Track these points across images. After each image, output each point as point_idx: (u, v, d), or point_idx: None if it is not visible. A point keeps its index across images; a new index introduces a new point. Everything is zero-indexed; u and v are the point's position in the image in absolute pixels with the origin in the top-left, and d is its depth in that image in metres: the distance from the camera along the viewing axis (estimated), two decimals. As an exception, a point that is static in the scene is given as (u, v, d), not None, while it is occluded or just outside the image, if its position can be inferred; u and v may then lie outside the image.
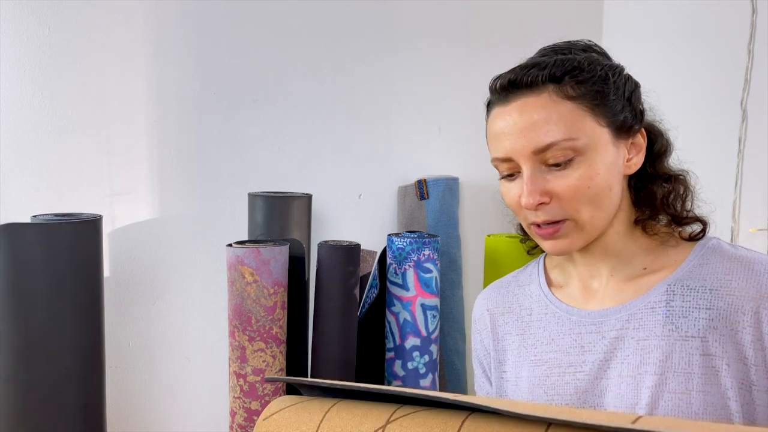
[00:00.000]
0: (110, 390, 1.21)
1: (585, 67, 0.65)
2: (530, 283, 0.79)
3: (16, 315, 1.01)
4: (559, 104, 0.63)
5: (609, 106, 0.65)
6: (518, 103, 0.65)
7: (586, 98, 0.64)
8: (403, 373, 1.32)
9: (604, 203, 0.65)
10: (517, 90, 0.65)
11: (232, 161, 1.43)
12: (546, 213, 0.64)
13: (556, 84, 0.64)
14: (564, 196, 0.63)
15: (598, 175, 0.63)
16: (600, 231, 0.66)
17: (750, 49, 1.39)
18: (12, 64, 1.22)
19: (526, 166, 0.64)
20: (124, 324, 1.35)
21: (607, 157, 0.64)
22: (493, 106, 0.69)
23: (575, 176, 0.63)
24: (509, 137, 0.65)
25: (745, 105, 1.40)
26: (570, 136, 0.62)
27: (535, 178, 0.63)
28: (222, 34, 1.40)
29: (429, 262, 1.32)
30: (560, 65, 0.64)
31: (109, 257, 1.32)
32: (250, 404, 1.14)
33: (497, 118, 0.67)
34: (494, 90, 0.68)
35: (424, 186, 1.58)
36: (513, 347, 0.76)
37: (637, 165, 0.68)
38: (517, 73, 0.65)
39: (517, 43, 1.67)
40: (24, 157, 1.24)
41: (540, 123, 0.63)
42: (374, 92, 1.57)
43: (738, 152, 1.41)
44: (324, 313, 1.23)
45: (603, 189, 0.64)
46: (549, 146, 0.62)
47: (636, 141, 0.68)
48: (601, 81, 0.65)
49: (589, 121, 0.63)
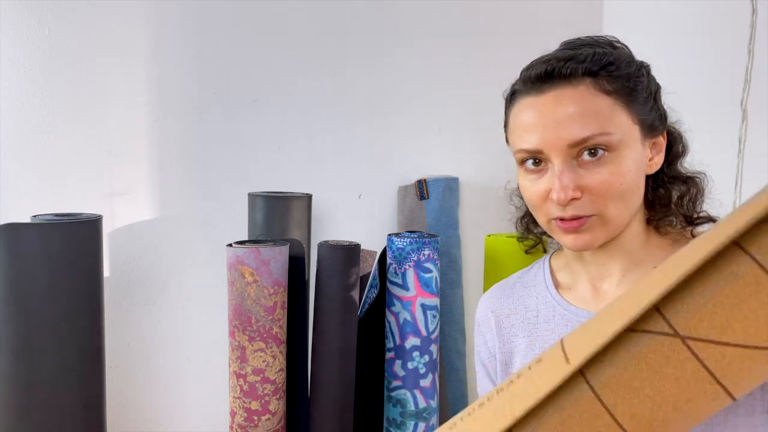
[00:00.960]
0: (110, 390, 1.21)
1: (620, 62, 0.64)
2: (536, 284, 0.78)
3: (16, 315, 1.01)
4: (597, 98, 0.62)
5: (640, 104, 0.64)
6: (554, 94, 0.63)
7: (621, 94, 0.63)
8: (403, 373, 1.32)
9: (631, 201, 0.64)
10: (553, 81, 0.63)
11: (232, 161, 1.43)
12: (575, 208, 0.62)
13: (593, 78, 0.62)
14: (596, 192, 0.62)
15: (630, 172, 0.62)
16: (622, 228, 0.65)
17: (750, 49, 1.39)
18: (12, 64, 1.22)
19: (559, 159, 0.62)
20: (124, 324, 1.35)
21: (636, 155, 0.64)
22: (522, 96, 0.66)
23: (608, 172, 0.61)
24: (543, 129, 0.63)
25: (745, 105, 1.40)
26: (606, 131, 0.61)
27: (569, 172, 0.62)
28: (222, 34, 1.40)
29: (429, 262, 1.32)
30: (598, 59, 0.63)
31: (109, 257, 1.32)
32: (250, 404, 1.14)
33: (528, 108, 0.65)
34: (527, 79, 0.66)
35: (424, 186, 1.58)
36: (520, 348, 0.76)
37: (657, 165, 0.68)
38: (554, 65, 0.63)
39: (517, 43, 1.67)
40: (24, 157, 1.24)
41: (577, 116, 0.61)
42: (374, 92, 1.57)
43: (738, 152, 1.41)
44: (324, 313, 1.23)
45: (632, 186, 0.63)
46: (585, 140, 0.61)
47: (657, 141, 0.67)
48: (634, 78, 0.64)
49: (623, 116, 0.63)
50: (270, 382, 1.15)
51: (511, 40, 1.68)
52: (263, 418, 1.15)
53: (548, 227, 0.67)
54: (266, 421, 1.15)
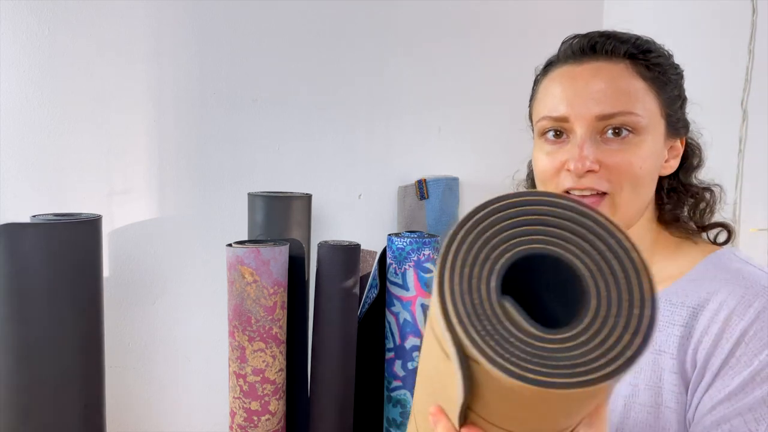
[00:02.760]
0: (110, 390, 1.21)
1: (660, 53, 0.65)
2: None
3: (16, 315, 1.01)
4: (633, 79, 0.62)
5: (670, 99, 0.65)
6: (592, 66, 0.63)
7: (655, 83, 0.63)
8: (403, 373, 1.32)
9: (643, 190, 0.63)
10: (593, 54, 0.64)
11: (232, 161, 1.42)
12: (590, 180, 0.62)
13: (632, 60, 0.63)
14: (615, 169, 0.61)
15: (649, 160, 0.62)
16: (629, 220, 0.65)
17: (750, 49, 1.39)
18: (12, 64, 1.22)
19: (583, 129, 0.62)
20: (124, 324, 1.35)
21: (658, 147, 0.64)
22: (559, 64, 0.67)
23: (628, 153, 0.61)
24: (574, 98, 0.63)
25: (745, 105, 1.40)
26: (636, 111, 0.61)
27: (590, 143, 0.61)
28: (222, 34, 1.40)
29: (429, 262, 1.32)
30: (640, 44, 0.64)
31: (108, 257, 1.32)
32: (250, 404, 1.14)
33: (563, 76, 0.65)
34: (568, 49, 0.66)
35: (424, 186, 1.58)
36: None
37: (672, 169, 0.68)
38: (597, 39, 0.64)
39: (518, 43, 1.67)
40: (24, 157, 1.24)
41: (611, 91, 0.61)
42: (374, 92, 1.57)
43: (738, 152, 1.41)
44: (324, 313, 1.23)
45: (647, 176, 0.63)
46: (614, 115, 0.61)
47: (675, 145, 0.68)
48: (670, 73, 0.65)
49: (653, 105, 0.63)
50: (270, 382, 1.15)
51: (512, 41, 1.68)
52: (263, 418, 1.15)
53: None
54: (266, 421, 1.15)
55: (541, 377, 0.31)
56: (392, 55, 1.58)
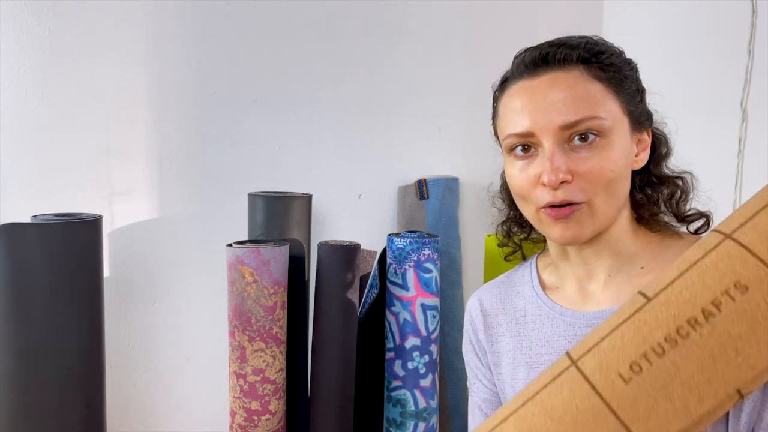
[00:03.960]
0: (110, 390, 1.21)
1: (611, 53, 0.65)
2: (523, 284, 0.78)
3: (16, 315, 1.01)
4: (589, 83, 0.62)
5: (629, 95, 0.65)
6: (548, 77, 0.63)
7: (612, 83, 0.63)
8: (403, 373, 1.32)
9: (618, 191, 0.64)
10: (546, 65, 0.64)
11: (232, 161, 1.43)
12: (565, 192, 0.62)
13: (585, 64, 0.63)
14: (586, 177, 0.61)
15: (620, 161, 0.62)
16: (609, 221, 0.65)
17: (750, 49, 1.39)
18: (12, 64, 1.22)
19: (550, 142, 0.62)
20: (124, 324, 1.35)
21: (625, 145, 0.64)
22: (515, 80, 0.67)
23: (598, 157, 0.61)
24: (535, 111, 0.63)
25: (745, 105, 1.40)
26: (598, 115, 0.61)
27: (560, 154, 0.61)
28: (222, 34, 1.40)
29: (429, 262, 1.32)
30: (590, 47, 0.64)
31: (109, 257, 1.32)
32: (250, 404, 1.14)
33: (521, 91, 0.65)
34: (521, 63, 0.67)
35: (424, 186, 1.58)
36: (508, 349, 0.76)
37: (642, 162, 0.68)
38: (548, 50, 0.64)
39: (517, 43, 1.66)
40: (24, 157, 1.24)
41: (570, 99, 0.61)
42: (374, 92, 1.57)
43: (738, 152, 1.41)
44: (324, 313, 1.23)
45: (620, 176, 0.63)
46: (577, 123, 0.61)
47: (643, 138, 0.68)
48: (624, 70, 0.65)
49: (614, 104, 0.63)
50: (270, 382, 1.15)
51: (511, 41, 1.67)
52: (263, 418, 1.15)
53: (536, 218, 0.66)
54: (266, 421, 1.15)
55: None
56: (392, 55, 1.58)
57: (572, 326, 0.69)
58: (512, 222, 0.82)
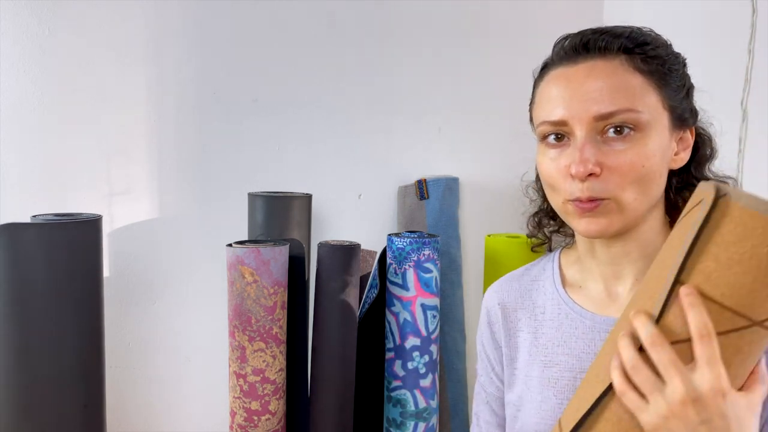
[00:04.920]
0: (110, 390, 1.21)
1: (657, 44, 0.63)
2: (544, 279, 0.76)
3: (16, 315, 1.01)
4: (629, 74, 0.61)
5: (673, 91, 0.63)
6: (587, 65, 0.62)
7: (654, 76, 0.62)
8: (403, 373, 1.32)
9: (650, 188, 0.62)
10: (587, 53, 0.62)
11: (232, 161, 1.43)
12: (591, 189, 0.60)
13: (628, 54, 0.62)
14: (617, 171, 0.59)
15: (654, 156, 0.60)
16: (638, 218, 0.63)
17: (750, 49, 1.39)
18: (12, 64, 1.22)
19: (583, 132, 0.60)
20: (124, 324, 1.35)
21: (663, 141, 0.62)
22: (554, 66, 0.65)
23: (632, 152, 0.59)
24: (570, 100, 0.61)
25: (745, 105, 1.39)
26: (635, 108, 0.59)
27: (591, 145, 0.60)
28: (222, 34, 1.40)
29: (429, 262, 1.32)
30: (635, 37, 0.62)
31: (109, 257, 1.32)
32: (250, 404, 1.14)
33: (558, 78, 0.64)
34: (561, 49, 0.65)
35: (424, 186, 1.58)
36: (525, 345, 0.74)
37: (683, 161, 0.66)
38: (589, 36, 0.63)
39: (517, 43, 1.67)
40: (24, 157, 1.24)
41: (607, 89, 0.60)
42: (374, 92, 1.57)
43: (738, 152, 1.41)
44: (324, 313, 1.23)
45: (654, 173, 0.61)
46: (612, 114, 0.59)
47: (685, 136, 0.66)
48: (669, 63, 0.63)
49: (654, 98, 0.61)
50: (270, 382, 1.15)
51: (511, 40, 1.68)
52: (263, 418, 1.15)
53: (563, 209, 0.65)
54: (266, 421, 1.15)
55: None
56: (392, 55, 1.58)
57: (591, 330, 0.68)
58: (543, 214, 0.80)
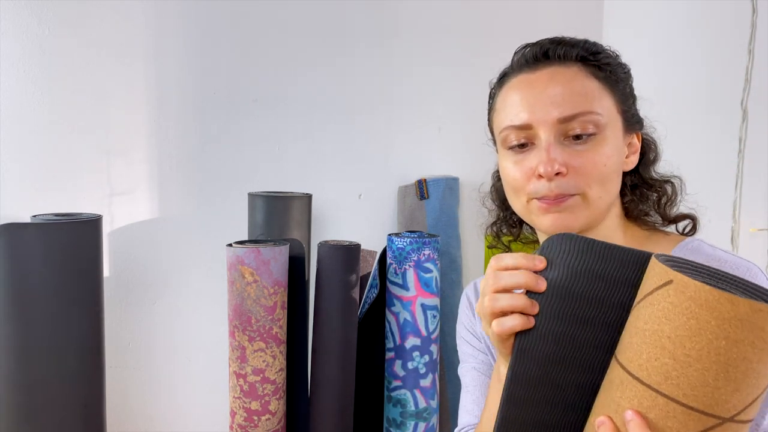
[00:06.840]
0: (110, 390, 1.21)
1: (608, 54, 0.68)
2: None
3: (16, 315, 1.01)
4: (587, 80, 0.64)
5: (623, 96, 0.67)
6: (548, 71, 0.65)
7: (608, 81, 0.65)
8: (403, 373, 1.32)
9: (611, 186, 0.65)
10: (546, 60, 0.66)
11: (233, 161, 1.43)
12: (559, 186, 0.63)
13: (583, 62, 0.65)
14: (581, 171, 0.63)
15: (613, 156, 0.64)
16: (601, 215, 0.66)
17: (750, 49, 1.39)
18: (12, 64, 1.22)
19: (547, 134, 0.63)
20: (124, 324, 1.35)
21: (618, 143, 0.66)
22: (515, 74, 0.69)
23: (593, 152, 0.63)
24: (535, 104, 0.64)
25: (745, 105, 1.40)
26: (595, 110, 0.63)
27: (556, 146, 0.63)
28: (222, 34, 1.40)
29: (429, 262, 1.32)
30: (588, 47, 0.66)
31: (109, 257, 1.32)
32: (250, 404, 1.14)
33: (521, 84, 0.67)
34: (521, 58, 0.69)
35: (424, 186, 1.58)
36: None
37: (632, 164, 0.70)
38: (548, 46, 0.66)
39: (517, 43, 1.66)
40: (24, 157, 1.24)
41: (568, 93, 0.63)
42: (374, 92, 1.57)
43: (738, 152, 1.41)
44: (324, 313, 1.23)
45: (613, 172, 0.65)
46: (575, 116, 0.62)
47: (633, 141, 0.70)
48: (619, 71, 0.67)
49: (609, 102, 0.65)
50: (270, 382, 1.15)
51: (511, 40, 1.67)
52: (263, 418, 1.15)
53: (527, 208, 0.67)
54: (266, 421, 1.15)
55: (730, 290, 0.43)
56: (393, 54, 1.58)
57: None
58: (502, 223, 0.83)
